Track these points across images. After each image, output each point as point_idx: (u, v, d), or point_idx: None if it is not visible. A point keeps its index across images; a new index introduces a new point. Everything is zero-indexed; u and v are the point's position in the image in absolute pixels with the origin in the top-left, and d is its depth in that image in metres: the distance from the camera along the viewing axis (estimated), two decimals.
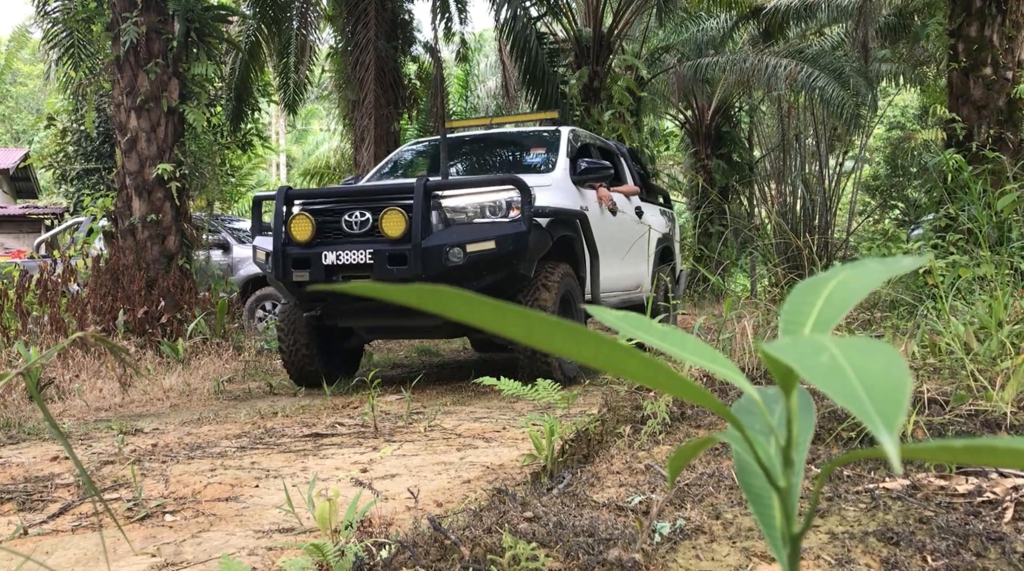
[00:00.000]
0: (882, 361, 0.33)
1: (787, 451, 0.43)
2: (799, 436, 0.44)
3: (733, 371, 0.44)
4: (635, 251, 6.94)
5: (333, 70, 14.21)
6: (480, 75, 21.30)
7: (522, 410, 4.54)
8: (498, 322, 0.38)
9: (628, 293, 7.11)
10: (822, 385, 0.33)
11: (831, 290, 0.46)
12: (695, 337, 0.45)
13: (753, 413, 0.52)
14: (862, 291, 0.45)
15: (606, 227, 6.38)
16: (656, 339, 0.45)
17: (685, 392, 0.40)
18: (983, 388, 2.30)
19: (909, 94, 21.78)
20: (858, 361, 0.33)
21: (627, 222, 6.89)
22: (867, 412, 0.30)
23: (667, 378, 0.39)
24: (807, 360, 0.34)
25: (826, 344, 0.35)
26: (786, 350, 0.36)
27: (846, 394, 0.32)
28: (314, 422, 4.42)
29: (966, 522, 1.54)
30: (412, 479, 3.04)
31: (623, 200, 6.93)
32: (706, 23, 17.63)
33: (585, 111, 13.96)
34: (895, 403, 0.31)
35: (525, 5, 12.38)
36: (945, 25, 8.23)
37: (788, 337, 0.40)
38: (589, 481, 1.98)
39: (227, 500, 2.88)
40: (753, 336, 3.10)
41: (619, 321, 0.48)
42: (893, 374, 0.32)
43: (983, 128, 7.60)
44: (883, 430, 0.30)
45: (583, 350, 0.38)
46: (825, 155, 14.29)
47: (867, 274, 0.47)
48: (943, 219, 5.92)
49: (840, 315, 0.44)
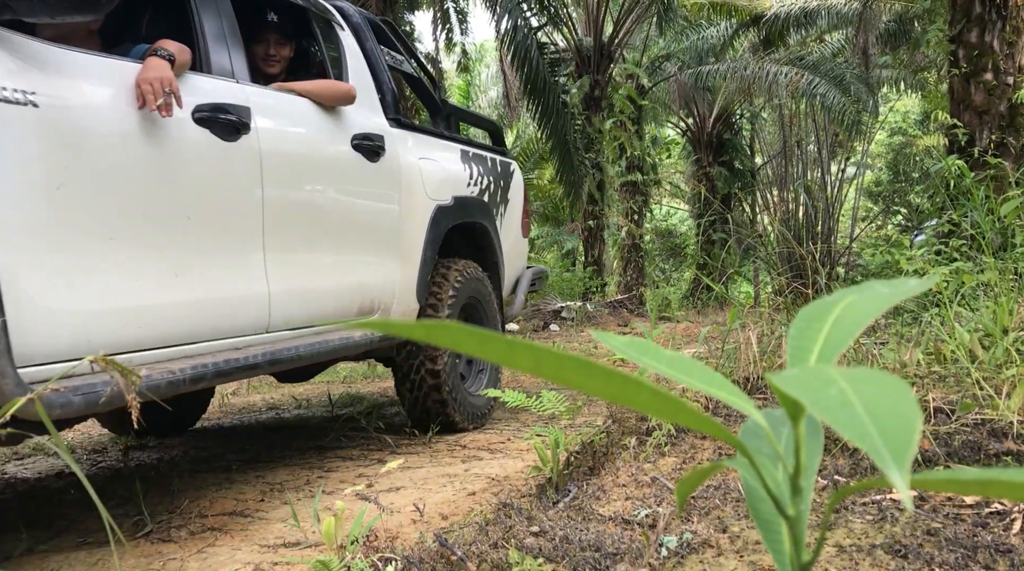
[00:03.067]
0: (891, 395, 0.33)
1: (795, 479, 0.43)
2: (807, 463, 0.45)
3: (741, 398, 0.44)
4: (347, 230, 3.45)
5: None
6: (481, 85, 21.37)
7: (526, 421, 4.53)
8: (508, 356, 0.38)
9: (319, 322, 2.69)
10: (830, 420, 0.33)
11: (837, 315, 0.46)
12: (702, 364, 0.45)
13: (760, 437, 0.52)
14: (869, 316, 0.45)
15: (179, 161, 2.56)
16: (664, 367, 0.45)
17: (697, 423, 0.40)
18: (989, 397, 2.29)
19: (910, 100, 21.80)
20: (867, 395, 0.33)
21: (302, 159, 3.18)
22: (877, 448, 0.31)
23: (678, 410, 0.39)
24: (815, 394, 0.34)
25: (834, 377, 0.35)
26: (794, 382, 0.36)
27: (855, 429, 0.32)
28: (318, 435, 4.42)
29: (974, 534, 1.53)
30: (417, 492, 3.03)
31: (308, 111, 3.30)
32: (706, 31, 17.68)
33: (586, 120, 14.00)
34: (905, 438, 0.31)
35: (526, 15, 12.42)
36: (945, 31, 8.24)
37: (796, 368, 0.40)
38: (595, 494, 1.98)
39: (232, 515, 2.87)
40: (757, 345, 3.10)
41: (625, 347, 0.48)
42: (902, 409, 0.32)
43: (985, 134, 7.60)
44: (893, 467, 0.30)
45: (593, 383, 0.38)
46: (827, 161, 14.30)
47: (873, 298, 0.47)
48: (946, 225, 5.92)
49: (847, 341, 0.44)
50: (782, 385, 0.37)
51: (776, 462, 0.49)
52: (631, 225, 16.10)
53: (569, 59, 14.78)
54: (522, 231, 5.25)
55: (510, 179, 5.02)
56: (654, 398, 0.39)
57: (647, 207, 17.45)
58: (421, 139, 4.01)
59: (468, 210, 4.22)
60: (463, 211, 4.15)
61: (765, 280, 9.94)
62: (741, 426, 0.51)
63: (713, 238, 14.31)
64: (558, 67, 13.05)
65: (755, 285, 17.60)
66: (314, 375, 4.57)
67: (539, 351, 0.37)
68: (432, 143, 4.11)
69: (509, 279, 5.00)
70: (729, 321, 3.01)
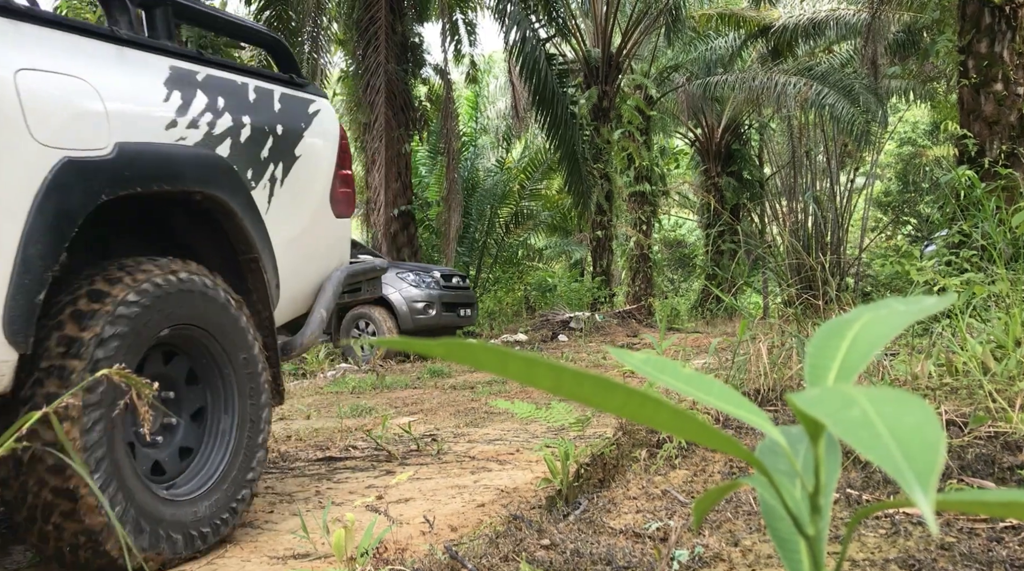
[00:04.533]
0: (914, 416, 0.33)
1: (815, 498, 0.43)
2: (826, 481, 0.44)
3: (759, 416, 0.44)
4: None
5: (344, 93, 14.34)
6: (490, 96, 21.44)
7: (536, 432, 4.52)
8: (527, 374, 0.38)
9: None
10: (853, 442, 0.33)
11: (855, 333, 0.46)
12: (719, 382, 0.45)
13: (778, 454, 0.52)
14: (887, 334, 0.45)
15: None
16: (682, 384, 0.45)
17: (717, 443, 0.40)
18: (1002, 409, 2.28)
19: (919, 110, 21.76)
20: (890, 416, 0.33)
21: None
22: (901, 471, 0.30)
23: (697, 428, 0.39)
24: (838, 415, 0.34)
25: (856, 397, 0.35)
26: (815, 403, 0.36)
27: (879, 451, 0.32)
28: (327, 445, 4.42)
29: (989, 548, 1.52)
30: (426, 503, 3.03)
31: None
32: (714, 42, 17.71)
33: (595, 131, 14.02)
34: (929, 461, 0.31)
35: (534, 27, 12.47)
36: (955, 42, 8.23)
37: (816, 388, 0.40)
38: (605, 507, 1.97)
39: (242, 526, 2.87)
40: (768, 357, 3.09)
41: (642, 364, 0.48)
42: (926, 430, 0.32)
43: (995, 144, 7.58)
44: (919, 490, 0.30)
45: (612, 401, 0.38)
46: (836, 172, 14.28)
47: (891, 317, 0.47)
48: (956, 236, 5.89)
49: (866, 360, 0.44)
50: (803, 405, 0.36)
51: (794, 479, 0.48)
52: (639, 235, 16.09)
53: (577, 70, 14.83)
54: (334, 208, 3.39)
55: (303, 126, 3.23)
56: (674, 418, 0.39)
57: (655, 217, 17.46)
58: (30, 34, 2.21)
59: (163, 168, 2.48)
60: (148, 170, 2.41)
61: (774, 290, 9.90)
62: (759, 444, 0.51)
63: (722, 248, 14.28)
64: (566, 78, 13.09)
65: (764, 296, 17.56)
66: None
67: (559, 370, 0.38)
68: (63, 43, 2.31)
69: (300, 288, 3.21)
70: (739, 333, 3.01)
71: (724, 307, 11.91)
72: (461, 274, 11.27)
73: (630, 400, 0.38)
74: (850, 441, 0.33)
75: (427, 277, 10.26)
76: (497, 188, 18.65)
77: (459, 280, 10.91)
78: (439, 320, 10.15)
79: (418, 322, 9.97)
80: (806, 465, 0.48)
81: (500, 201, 18.74)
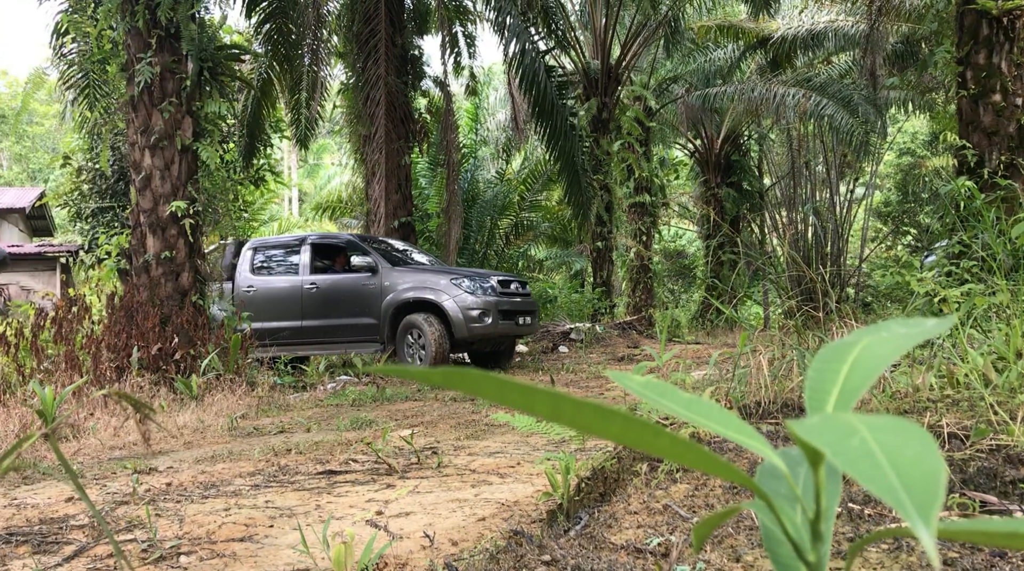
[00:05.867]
0: (914, 446, 0.33)
1: (816, 525, 0.43)
2: (827, 507, 0.44)
3: (759, 441, 0.44)
4: None
5: (344, 105, 14.38)
6: (490, 108, 21.49)
7: (536, 444, 4.51)
8: (526, 402, 0.38)
9: None
10: (853, 471, 0.32)
11: (855, 357, 0.46)
12: (720, 407, 0.45)
13: (778, 478, 0.51)
14: (888, 358, 0.45)
15: None
16: (682, 409, 0.45)
17: (717, 469, 0.40)
18: (1004, 422, 2.27)
19: (918, 120, 21.81)
20: (890, 446, 0.33)
21: None
22: (902, 503, 0.30)
23: (697, 456, 0.39)
24: (838, 444, 0.34)
25: (856, 425, 0.35)
26: (815, 431, 0.36)
27: (879, 482, 0.31)
28: (327, 459, 4.41)
29: (992, 564, 1.51)
30: (426, 517, 3.02)
31: None
32: (713, 53, 17.78)
33: (594, 142, 14.05)
34: (930, 493, 0.30)
35: (533, 39, 12.51)
36: (953, 53, 8.25)
37: (816, 415, 0.40)
38: (606, 522, 1.96)
39: (242, 540, 2.86)
40: (768, 369, 3.08)
41: (642, 389, 0.48)
42: (926, 461, 0.32)
43: (994, 155, 7.59)
44: (920, 523, 0.29)
45: (612, 429, 0.38)
46: (836, 182, 14.30)
47: (891, 340, 0.47)
48: (956, 246, 5.90)
49: (866, 385, 0.43)
50: (803, 434, 0.36)
51: (794, 503, 0.48)
52: (639, 246, 16.10)
53: (577, 82, 14.88)
54: None
55: None
56: (674, 445, 0.38)
57: (655, 228, 17.48)
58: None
59: None
60: None
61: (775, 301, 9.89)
62: (758, 468, 0.51)
63: (722, 259, 14.29)
64: (566, 90, 13.13)
65: (764, 307, 17.56)
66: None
67: (558, 398, 0.37)
68: None
69: None
70: (740, 345, 3.00)
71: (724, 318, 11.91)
72: (521, 280, 10.66)
73: (629, 428, 0.38)
74: (850, 471, 0.33)
75: (484, 283, 9.68)
76: (497, 199, 18.68)
77: (518, 286, 10.33)
78: (495, 328, 9.55)
79: (473, 331, 9.44)
80: (806, 488, 0.48)
81: (500, 212, 18.77)
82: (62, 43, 9.30)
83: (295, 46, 12.17)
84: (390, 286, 9.60)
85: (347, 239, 10.54)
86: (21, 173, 42.80)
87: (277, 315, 10.14)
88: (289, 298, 10.19)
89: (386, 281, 9.64)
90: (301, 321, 10.09)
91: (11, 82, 50.78)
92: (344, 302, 9.89)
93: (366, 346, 9.83)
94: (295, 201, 38.24)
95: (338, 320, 9.89)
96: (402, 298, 9.45)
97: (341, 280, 10.02)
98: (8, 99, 47.50)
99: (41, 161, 40.73)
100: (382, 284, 9.65)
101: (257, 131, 12.74)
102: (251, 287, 10.41)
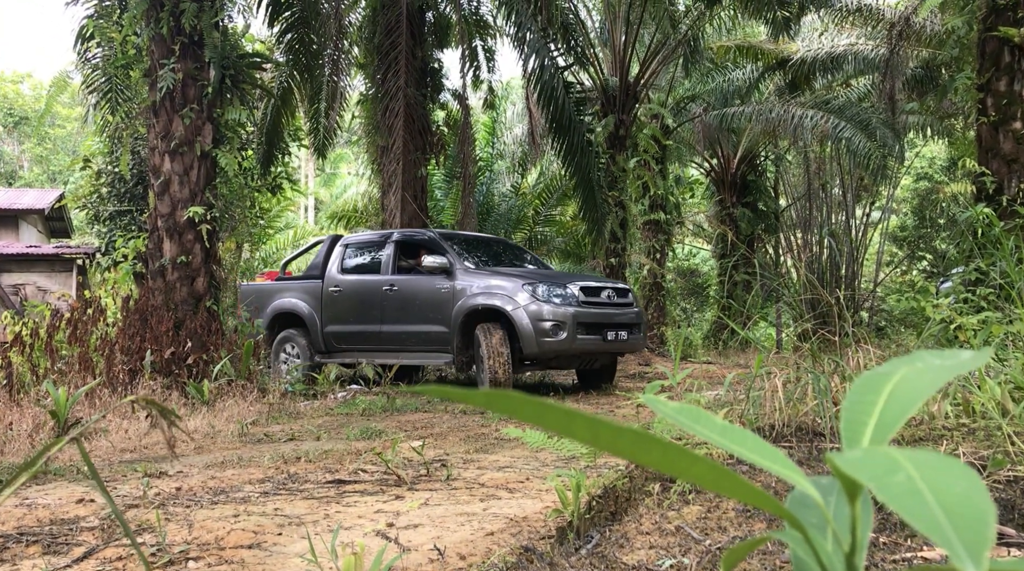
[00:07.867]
0: (962, 484, 0.33)
1: (851, 558, 0.43)
2: (861, 539, 0.44)
3: (793, 471, 0.44)
4: None
5: (363, 116, 14.47)
6: (507, 122, 21.56)
7: (546, 460, 4.50)
8: (565, 426, 0.38)
9: None
10: (899, 508, 0.32)
11: (891, 389, 0.46)
12: (755, 435, 0.45)
13: (809, 507, 0.51)
14: (925, 391, 0.45)
15: None
16: (717, 435, 0.45)
17: (753, 499, 0.40)
18: (1021, 453, 2.25)
19: (937, 146, 21.73)
20: (936, 483, 0.33)
21: None
22: (951, 543, 0.30)
23: (735, 485, 0.38)
24: (882, 479, 0.34)
25: (900, 461, 0.35)
26: (858, 466, 0.36)
27: (927, 521, 0.31)
28: (337, 468, 4.41)
29: None
30: (435, 530, 3.01)
31: None
32: (732, 74, 17.79)
33: (611, 158, 14.07)
34: (980, 533, 0.30)
35: (552, 55, 12.56)
36: (973, 79, 8.23)
37: (858, 449, 0.39)
38: (618, 541, 1.95)
39: (250, 547, 2.86)
40: (783, 392, 3.07)
41: (677, 414, 0.48)
42: (975, 499, 0.32)
43: (1014, 182, 7.55)
44: (969, 563, 0.29)
45: (650, 455, 0.38)
46: (852, 205, 14.25)
47: (928, 372, 0.47)
48: (973, 273, 5.85)
49: (903, 418, 0.43)
50: (845, 467, 0.36)
51: (824, 533, 0.48)
52: (653, 264, 16.07)
53: (595, 98, 14.91)
54: None
55: None
56: (711, 472, 0.38)
57: (669, 246, 17.45)
58: None
59: None
60: None
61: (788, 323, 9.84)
62: (789, 496, 0.51)
63: (736, 279, 14.23)
64: (583, 106, 13.16)
65: (778, 329, 17.47)
66: None
67: (597, 423, 0.37)
68: None
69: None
70: (755, 367, 2.99)
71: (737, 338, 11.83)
72: (618, 286, 8.97)
73: (667, 454, 0.38)
74: (896, 508, 0.32)
75: (561, 289, 8.19)
76: (512, 213, 18.71)
77: (612, 294, 8.70)
78: (572, 344, 8.02)
79: (544, 346, 7.95)
80: (838, 518, 0.48)
81: (514, 226, 18.79)
82: (87, 48, 9.41)
83: (316, 56, 12.26)
84: (463, 290, 8.38)
85: (429, 236, 9.41)
86: (41, 174, 43.26)
87: (358, 317, 9.24)
88: (370, 299, 9.20)
89: (459, 284, 8.43)
90: (380, 326, 9.10)
91: (35, 85, 51.45)
92: (418, 307, 8.79)
93: (437, 357, 8.73)
94: (311, 209, 38.44)
95: (411, 326, 8.84)
96: (470, 305, 8.25)
97: (416, 282, 8.91)
98: (32, 102, 48.11)
99: (61, 163, 41.16)
100: (455, 288, 8.45)
101: (276, 139, 12.83)
102: (337, 287, 9.49)
